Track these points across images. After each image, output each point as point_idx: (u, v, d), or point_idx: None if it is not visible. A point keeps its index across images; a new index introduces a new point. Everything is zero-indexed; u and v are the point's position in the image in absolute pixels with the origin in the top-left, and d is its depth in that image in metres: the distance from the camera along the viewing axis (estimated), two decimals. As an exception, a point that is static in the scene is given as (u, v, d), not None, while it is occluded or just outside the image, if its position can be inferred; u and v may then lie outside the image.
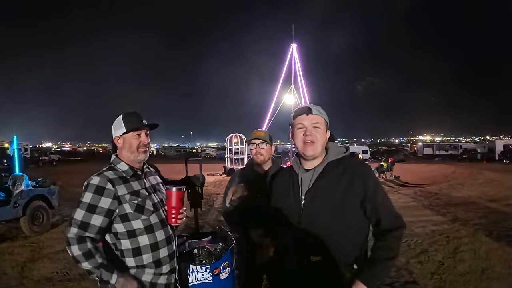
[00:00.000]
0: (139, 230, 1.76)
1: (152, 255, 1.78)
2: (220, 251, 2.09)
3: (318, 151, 1.69)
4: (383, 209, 1.64)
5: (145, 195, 1.82)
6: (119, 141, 1.87)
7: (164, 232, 1.84)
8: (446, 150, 41.18)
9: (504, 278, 4.19)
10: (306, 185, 1.70)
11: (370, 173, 1.72)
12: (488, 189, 11.88)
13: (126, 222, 1.75)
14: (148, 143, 1.89)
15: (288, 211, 1.74)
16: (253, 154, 2.50)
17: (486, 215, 7.89)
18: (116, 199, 1.73)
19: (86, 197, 1.70)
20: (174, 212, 1.84)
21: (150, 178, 1.96)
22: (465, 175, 16.50)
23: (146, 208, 1.79)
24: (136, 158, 1.85)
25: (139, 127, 1.85)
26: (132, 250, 1.76)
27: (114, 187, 1.74)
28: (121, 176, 1.80)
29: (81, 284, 4.25)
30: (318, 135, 1.68)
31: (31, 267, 4.85)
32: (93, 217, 1.69)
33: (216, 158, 42.72)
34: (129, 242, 1.75)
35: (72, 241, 1.65)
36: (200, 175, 2.59)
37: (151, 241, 1.78)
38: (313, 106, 1.73)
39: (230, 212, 2.55)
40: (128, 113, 1.89)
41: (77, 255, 1.64)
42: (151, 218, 1.79)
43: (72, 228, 1.67)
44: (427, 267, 4.69)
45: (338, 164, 1.70)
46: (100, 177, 1.74)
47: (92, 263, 1.66)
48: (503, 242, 5.59)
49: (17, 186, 6.55)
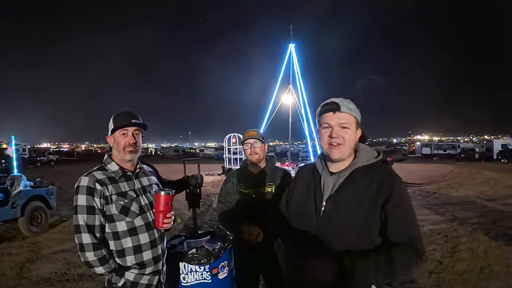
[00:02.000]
0: (122, 232, 1.75)
1: (135, 257, 1.77)
2: (218, 250, 2.09)
3: (346, 154, 1.50)
4: (400, 226, 1.39)
5: (132, 197, 1.81)
6: (110, 140, 1.88)
7: (149, 235, 1.81)
8: (444, 149, 41.24)
9: (502, 277, 4.20)
10: (329, 190, 1.52)
11: (402, 191, 1.47)
12: (486, 188, 11.91)
13: (112, 223, 1.75)
14: (135, 143, 1.84)
15: (305, 215, 1.56)
16: (247, 154, 2.47)
17: (484, 214, 7.91)
18: (104, 198, 1.73)
19: (81, 200, 1.70)
20: (162, 216, 1.81)
21: (142, 179, 1.93)
22: (463, 175, 16.55)
23: (131, 210, 1.78)
24: (123, 158, 1.84)
25: (124, 124, 1.83)
26: (116, 252, 1.76)
27: (101, 187, 1.73)
28: (110, 176, 1.80)
29: (80, 285, 4.24)
30: (347, 136, 1.48)
31: (29, 267, 4.84)
32: (95, 217, 1.70)
33: (214, 158, 42.71)
34: (113, 244, 1.76)
35: (88, 247, 1.65)
36: (199, 175, 2.58)
37: (134, 244, 1.77)
38: (343, 101, 1.49)
39: (226, 212, 2.55)
40: (120, 112, 1.89)
41: (92, 260, 1.65)
42: (136, 220, 1.78)
43: (84, 235, 1.66)
44: (425, 266, 4.70)
45: (366, 171, 1.49)
46: (89, 177, 1.74)
47: (107, 268, 1.69)
48: (501, 241, 5.61)
49: (15, 186, 6.54)
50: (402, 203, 1.43)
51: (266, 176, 2.46)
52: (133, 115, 1.86)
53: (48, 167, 28.19)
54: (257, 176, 2.47)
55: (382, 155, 1.56)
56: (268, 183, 2.44)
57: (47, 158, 32.39)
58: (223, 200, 2.57)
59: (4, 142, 24.60)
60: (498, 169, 17.60)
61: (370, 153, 1.55)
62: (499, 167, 20.24)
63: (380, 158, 1.55)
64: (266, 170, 2.49)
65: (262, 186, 2.43)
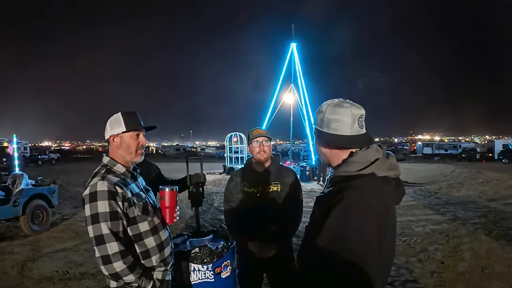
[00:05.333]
0: (145, 233, 1.71)
1: (159, 255, 1.75)
2: (221, 249, 2.09)
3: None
4: None
5: (144, 197, 1.80)
6: (115, 139, 1.78)
7: (165, 232, 1.83)
8: (445, 149, 41.18)
9: (504, 277, 4.20)
10: None
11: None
12: (487, 188, 11.89)
13: (134, 225, 1.68)
14: (145, 145, 1.85)
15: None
16: (256, 152, 2.42)
17: (485, 215, 7.90)
18: (127, 201, 1.65)
19: (102, 206, 1.57)
20: (169, 211, 1.83)
21: (140, 178, 1.92)
22: (464, 175, 16.53)
23: (149, 210, 1.75)
24: (132, 159, 1.79)
25: (139, 127, 1.80)
26: (141, 254, 1.70)
27: (122, 190, 1.65)
28: (122, 178, 1.73)
29: (81, 283, 4.25)
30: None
31: (31, 266, 4.84)
32: (119, 223, 1.60)
33: (215, 157, 42.75)
34: (137, 246, 1.70)
35: (116, 257, 1.54)
36: (201, 173, 2.58)
37: (157, 242, 1.74)
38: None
39: (230, 212, 2.54)
40: (128, 112, 1.82)
41: (122, 270, 1.55)
42: (154, 219, 1.77)
43: (110, 244, 1.55)
44: (427, 266, 4.70)
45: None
46: (106, 181, 1.63)
47: (136, 274, 1.60)
48: (503, 241, 5.60)
49: (17, 185, 6.54)
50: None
51: (272, 174, 2.45)
52: (139, 116, 1.85)
53: (49, 166, 28.22)
54: (262, 174, 2.45)
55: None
56: (273, 182, 2.42)
57: (48, 157, 32.39)
58: (227, 200, 2.57)
59: (5, 140, 24.67)
60: (500, 169, 17.55)
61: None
62: (500, 167, 20.18)
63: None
64: (272, 168, 2.47)
65: (268, 185, 2.41)
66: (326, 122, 1.29)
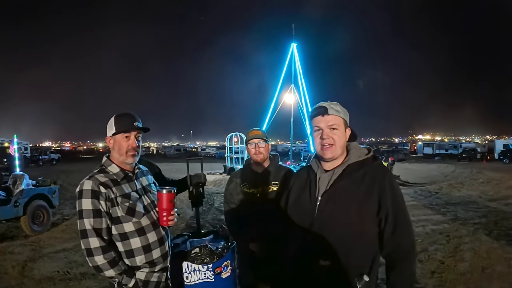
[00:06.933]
0: (130, 233, 1.76)
1: (145, 256, 1.79)
2: (221, 250, 2.09)
3: (338, 153, 1.60)
4: (402, 231, 1.50)
5: (136, 198, 1.82)
6: (110, 141, 1.86)
7: (156, 234, 1.84)
8: (446, 149, 41.12)
9: (504, 277, 4.20)
10: (324, 186, 1.61)
11: (393, 183, 1.57)
12: (488, 188, 11.88)
13: (118, 225, 1.75)
14: (137, 146, 1.86)
15: (301, 211, 1.66)
16: (252, 154, 2.45)
17: (486, 215, 7.90)
18: (110, 201, 1.73)
19: (86, 204, 1.67)
20: (165, 213, 1.84)
21: (141, 179, 1.95)
22: (465, 175, 16.51)
23: (137, 211, 1.79)
24: (124, 160, 1.84)
25: (128, 129, 1.83)
26: (125, 252, 1.76)
27: (106, 190, 1.72)
28: (112, 178, 1.79)
29: (82, 283, 4.26)
30: (336, 137, 1.58)
31: (31, 266, 4.86)
32: (102, 220, 1.69)
33: (216, 157, 42.77)
34: (122, 245, 1.76)
35: (97, 251, 1.64)
36: (202, 174, 2.58)
37: (143, 243, 1.78)
38: (330, 104, 1.60)
39: (230, 213, 2.55)
40: (121, 114, 1.87)
41: (102, 264, 1.64)
42: (142, 220, 1.80)
43: (91, 239, 1.65)
44: (427, 266, 4.70)
45: (359, 167, 1.59)
46: (92, 181, 1.72)
47: (117, 270, 1.68)
48: (503, 242, 5.60)
49: (18, 185, 6.55)
50: (395, 195, 1.54)
51: (271, 175, 2.46)
52: (134, 117, 1.87)
53: (50, 166, 28.24)
54: (261, 175, 2.46)
55: (372, 152, 1.67)
56: (273, 182, 2.43)
57: (49, 157, 32.40)
58: (227, 201, 2.57)
59: (6, 141, 24.68)
60: (500, 169, 17.54)
61: (361, 151, 1.66)
62: (501, 167, 20.17)
63: (371, 155, 1.65)
64: (271, 169, 2.48)
65: (267, 185, 2.42)
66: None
